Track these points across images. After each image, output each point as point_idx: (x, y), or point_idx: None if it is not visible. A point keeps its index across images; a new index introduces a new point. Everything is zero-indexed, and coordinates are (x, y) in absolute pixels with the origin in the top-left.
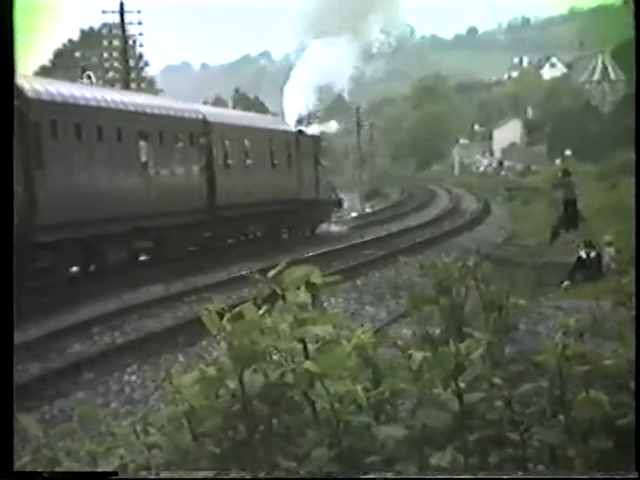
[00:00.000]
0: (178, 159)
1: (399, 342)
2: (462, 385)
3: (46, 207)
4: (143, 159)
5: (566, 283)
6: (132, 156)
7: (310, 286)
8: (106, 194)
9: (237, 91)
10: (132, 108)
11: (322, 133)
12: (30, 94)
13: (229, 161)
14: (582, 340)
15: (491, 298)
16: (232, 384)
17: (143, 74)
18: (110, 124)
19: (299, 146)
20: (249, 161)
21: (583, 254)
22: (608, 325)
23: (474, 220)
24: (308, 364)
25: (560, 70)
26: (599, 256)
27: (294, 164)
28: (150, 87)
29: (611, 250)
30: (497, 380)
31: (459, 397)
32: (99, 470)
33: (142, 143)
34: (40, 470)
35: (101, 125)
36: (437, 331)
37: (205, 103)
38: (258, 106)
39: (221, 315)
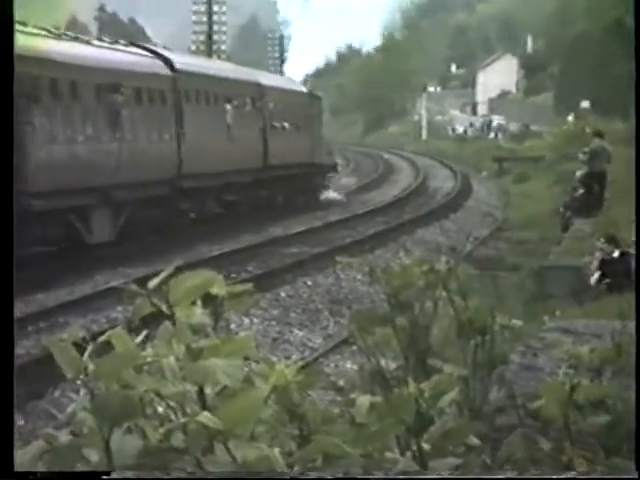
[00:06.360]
0: (249, 122)
1: (339, 382)
2: (426, 446)
3: (186, 160)
4: (229, 121)
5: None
6: (222, 119)
7: (210, 300)
8: (215, 151)
9: (102, 9)
10: (222, 74)
11: None
12: (179, 66)
13: (275, 124)
14: (600, 379)
15: (470, 317)
16: (94, 455)
17: None
18: (213, 90)
19: (312, 107)
20: (285, 124)
21: (605, 254)
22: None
23: (448, 204)
24: (205, 417)
25: None
26: (626, 257)
27: (309, 127)
28: None
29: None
30: (477, 440)
31: (422, 464)
32: (96, 470)
33: (228, 106)
34: (35, 471)
35: (208, 91)
36: (392, 365)
37: (57, 28)
38: (137, 35)
39: (82, 348)
